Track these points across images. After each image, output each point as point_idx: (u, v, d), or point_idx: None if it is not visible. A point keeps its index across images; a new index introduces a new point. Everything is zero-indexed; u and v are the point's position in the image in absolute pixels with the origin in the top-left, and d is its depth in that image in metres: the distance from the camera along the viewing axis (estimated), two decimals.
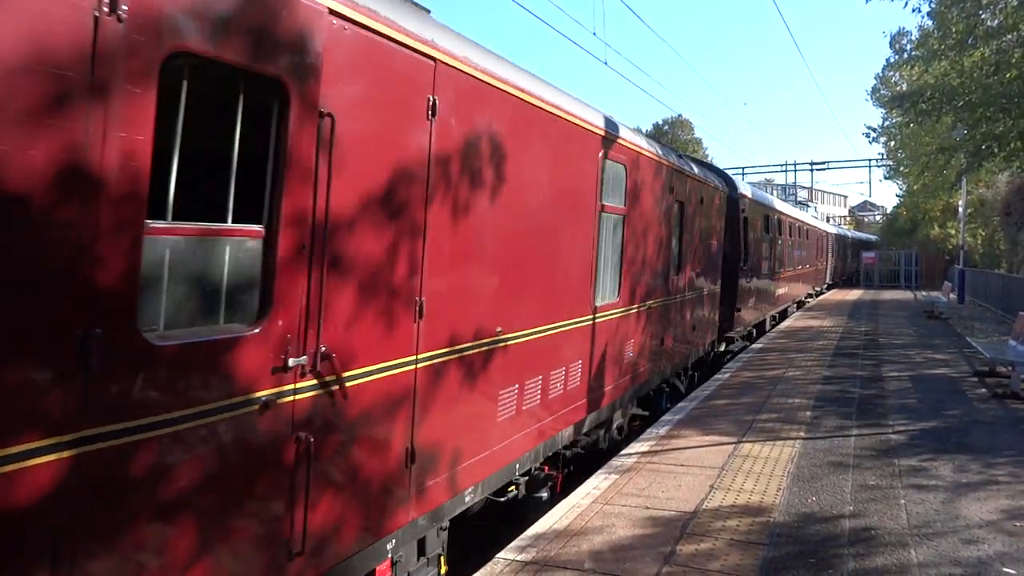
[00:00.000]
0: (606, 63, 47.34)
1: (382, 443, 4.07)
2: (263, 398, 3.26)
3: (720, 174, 14.38)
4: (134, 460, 2.74)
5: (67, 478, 2.51)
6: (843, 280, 43.22)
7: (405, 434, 4.25)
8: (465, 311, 4.82)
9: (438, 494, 4.63)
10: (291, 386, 3.42)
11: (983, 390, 11.08)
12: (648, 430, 8.58)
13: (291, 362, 3.38)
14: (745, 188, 15.64)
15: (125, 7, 2.59)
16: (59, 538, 2.51)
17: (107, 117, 2.56)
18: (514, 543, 5.23)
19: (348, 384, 3.74)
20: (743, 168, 52.46)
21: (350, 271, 3.78)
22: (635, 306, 8.30)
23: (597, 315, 7.16)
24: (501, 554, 5.02)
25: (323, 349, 3.56)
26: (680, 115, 61.48)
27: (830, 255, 35.51)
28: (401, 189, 4.14)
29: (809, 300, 28.90)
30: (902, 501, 6.13)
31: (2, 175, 2.30)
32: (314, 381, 3.55)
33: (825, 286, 35.55)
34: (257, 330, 3.25)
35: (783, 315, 22.57)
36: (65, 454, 2.50)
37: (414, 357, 4.30)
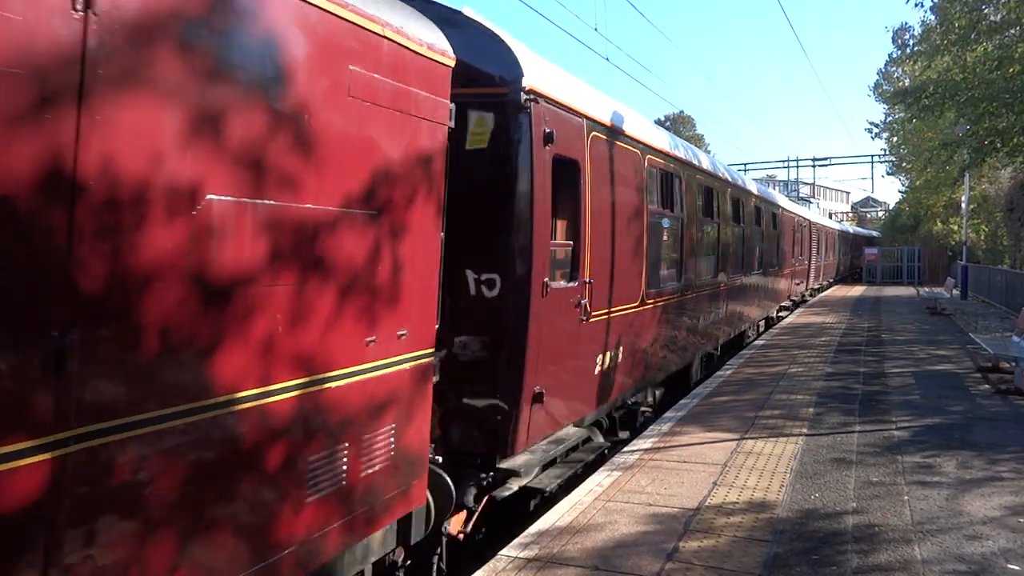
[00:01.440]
0: (607, 59, 47.22)
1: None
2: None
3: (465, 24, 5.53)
4: None
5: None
6: (843, 278, 43.11)
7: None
8: None
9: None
10: None
11: (987, 386, 11.05)
12: (650, 427, 8.56)
13: None
14: (564, 84, 6.12)
15: None
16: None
17: None
18: (517, 540, 5.22)
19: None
20: (745, 164, 52.24)
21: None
22: None
23: None
24: (504, 551, 5.01)
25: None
26: (682, 111, 61.49)
27: (815, 252, 27.34)
28: None
29: (786, 313, 22.08)
30: (906, 497, 6.11)
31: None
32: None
33: (811, 291, 28.24)
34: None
35: (721, 351, 13.27)
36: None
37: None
